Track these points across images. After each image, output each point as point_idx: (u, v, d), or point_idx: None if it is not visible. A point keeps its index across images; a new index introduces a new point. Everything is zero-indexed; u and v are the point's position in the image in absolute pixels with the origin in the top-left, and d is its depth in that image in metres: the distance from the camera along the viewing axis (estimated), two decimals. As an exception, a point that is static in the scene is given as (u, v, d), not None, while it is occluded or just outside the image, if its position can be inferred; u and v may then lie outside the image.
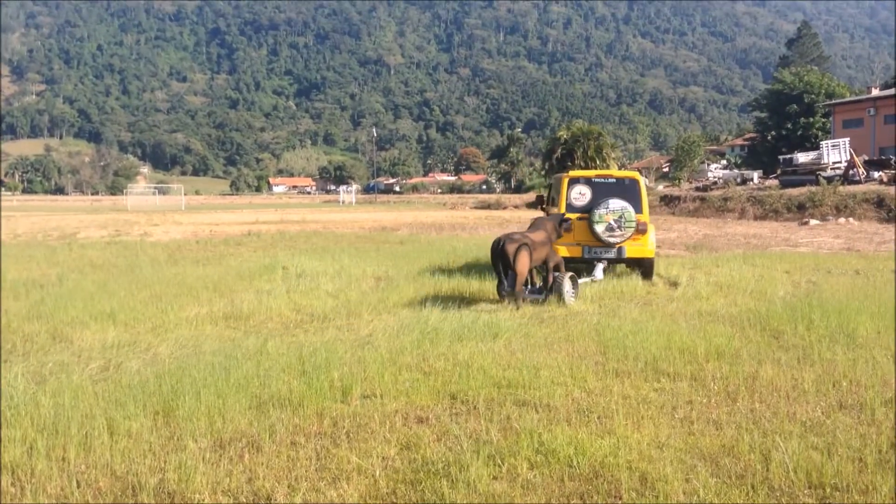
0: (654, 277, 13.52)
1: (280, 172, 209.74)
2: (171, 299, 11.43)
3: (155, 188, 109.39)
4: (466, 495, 4.30)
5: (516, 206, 62.62)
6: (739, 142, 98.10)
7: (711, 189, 47.80)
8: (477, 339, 8.29)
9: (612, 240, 13.27)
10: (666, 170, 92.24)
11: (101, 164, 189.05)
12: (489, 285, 12.81)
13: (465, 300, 11.51)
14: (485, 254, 18.33)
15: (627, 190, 13.61)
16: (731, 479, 4.48)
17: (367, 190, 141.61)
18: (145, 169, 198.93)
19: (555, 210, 14.25)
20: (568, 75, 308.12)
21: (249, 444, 5.15)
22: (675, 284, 12.85)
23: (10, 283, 13.65)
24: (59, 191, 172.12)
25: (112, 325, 9.47)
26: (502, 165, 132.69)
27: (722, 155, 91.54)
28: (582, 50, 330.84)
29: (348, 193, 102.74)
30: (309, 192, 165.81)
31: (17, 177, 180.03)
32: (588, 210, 13.37)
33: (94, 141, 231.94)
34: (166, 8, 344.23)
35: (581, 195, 13.68)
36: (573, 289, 11.65)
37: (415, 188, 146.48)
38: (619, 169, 70.72)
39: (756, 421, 5.51)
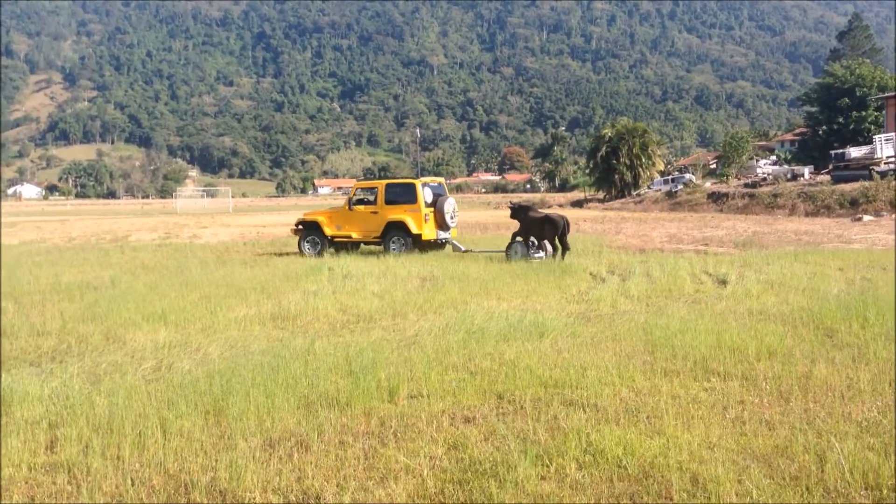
0: (703, 276, 13.47)
1: (325, 174, 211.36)
2: (219, 300, 11.58)
3: (203, 191, 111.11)
4: (514, 495, 4.28)
5: (560, 205, 62.27)
6: (789, 137, 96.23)
7: (760, 185, 46.93)
8: (523, 338, 8.26)
9: (451, 224, 20.35)
10: (713, 166, 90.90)
11: (151, 167, 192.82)
12: (535, 284, 12.78)
13: (510, 299, 11.49)
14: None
15: (411, 190, 19.83)
16: (786, 480, 4.39)
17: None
18: (194, 172, 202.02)
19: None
20: (612, 72, 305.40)
21: (298, 443, 5.19)
22: (723, 282, 12.66)
23: (66, 285, 13.97)
24: (111, 195, 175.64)
25: (163, 326, 9.63)
26: (546, 164, 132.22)
27: (771, 150, 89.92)
28: (626, 47, 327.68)
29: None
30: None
31: (70, 181, 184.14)
32: (434, 204, 19.78)
33: (145, 145, 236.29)
34: (213, 13, 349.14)
35: (430, 194, 19.98)
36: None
37: (459, 188, 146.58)
38: (665, 166, 69.94)
39: (810, 421, 5.39)
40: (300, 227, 21.08)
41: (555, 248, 17.53)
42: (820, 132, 72.92)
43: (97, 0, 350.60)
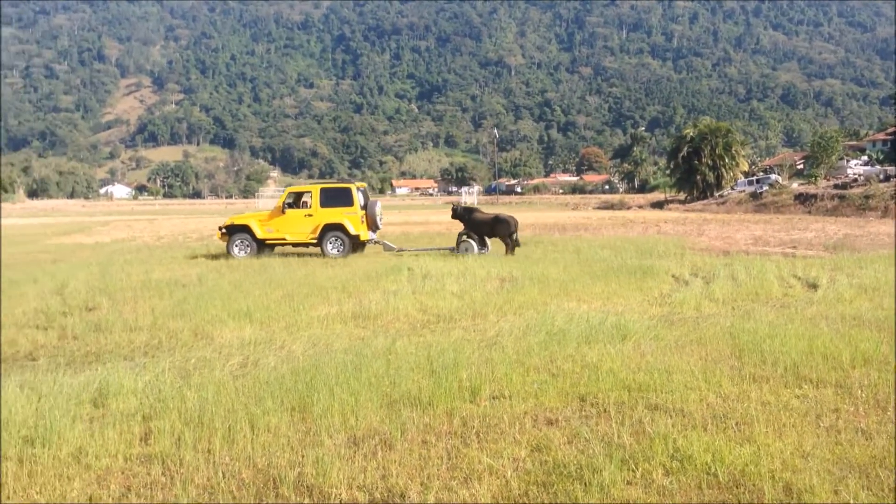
0: (792, 279, 13.09)
1: (402, 175, 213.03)
2: (302, 299, 11.79)
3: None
4: (600, 500, 4.23)
5: (640, 206, 61.38)
6: (881, 136, 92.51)
7: (851, 186, 45.31)
8: (605, 340, 8.15)
9: (380, 224, 21.90)
10: (800, 167, 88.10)
11: (235, 168, 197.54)
12: (616, 286, 12.62)
13: (590, 301, 11.36)
14: (609, 254, 18.08)
15: (347, 194, 20.87)
16: (885, 491, 4.23)
17: (489, 191, 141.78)
18: (275, 173, 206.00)
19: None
20: (694, 71, 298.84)
21: (382, 441, 5.24)
22: (814, 286, 12.26)
23: (155, 282, 14.44)
24: (197, 195, 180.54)
25: (249, 323, 9.85)
26: (625, 165, 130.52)
27: (862, 150, 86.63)
28: (709, 45, 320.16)
29: (470, 195, 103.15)
30: (431, 194, 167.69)
31: (158, 182, 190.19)
32: (365, 207, 21.01)
33: (228, 147, 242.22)
34: (294, 17, 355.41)
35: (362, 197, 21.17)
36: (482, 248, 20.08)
37: (536, 189, 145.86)
38: (750, 167, 68.14)
39: (910, 432, 5.17)
40: (225, 230, 21.11)
41: (507, 244, 19.79)
42: (915, 131, 69.94)
43: (185, 3, 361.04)
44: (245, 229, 20.84)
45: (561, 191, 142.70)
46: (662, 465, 4.64)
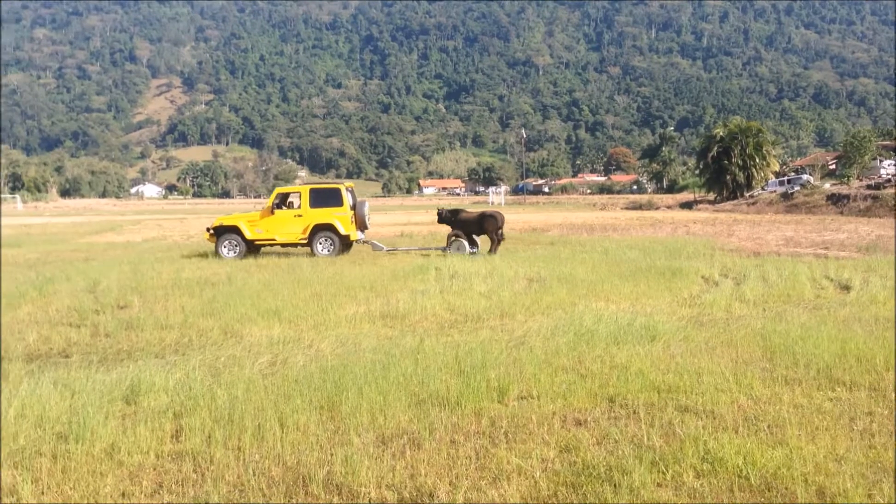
0: (824, 281, 12.93)
1: (430, 174, 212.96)
2: (330, 298, 11.84)
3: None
4: (630, 501, 4.20)
5: (669, 207, 60.93)
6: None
7: (884, 187, 44.62)
8: (634, 341, 8.11)
9: (368, 223, 22.09)
10: (833, 167, 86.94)
11: (263, 168, 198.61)
12: (645, 287, 12.54)
13: (619, 302, 11.30)
14: (637, 255, 17.97)
15: (336, 194, 21.05)
16: (921, 498, 4.15)
17: (516, 191, 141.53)
18: (303, 172, 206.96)
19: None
20: (724, 70, 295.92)
21: (410, 440, 5.25)
22: (846, 288, 12.10)
23: (185, 280, 14.58)
24: (226, 194, 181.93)
25: (277, 322, 9.91)
26: (654, 165, 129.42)
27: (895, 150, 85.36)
28: (739, 44, 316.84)
29: (497, 195, 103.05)
30: (458, 194, 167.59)
31: (188, 181, 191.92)
32: (353, 207, 21.23)
33: (257, 147, 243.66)
34: (323, 17, 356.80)
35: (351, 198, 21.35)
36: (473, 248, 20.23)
37: (564, 189, 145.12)
38: (781, 167, 67.33)
39: (947, 436, 5.08)
40: (213, 231, 21.17)
41: (493, 240, 20.28)
42: (950, 131, 68.81)
43: (215, 3, 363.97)
44: (234, 230, 20.92)
45: (589, 191, 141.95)
46: (693, 468, 4.61)
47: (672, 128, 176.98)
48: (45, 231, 37.56)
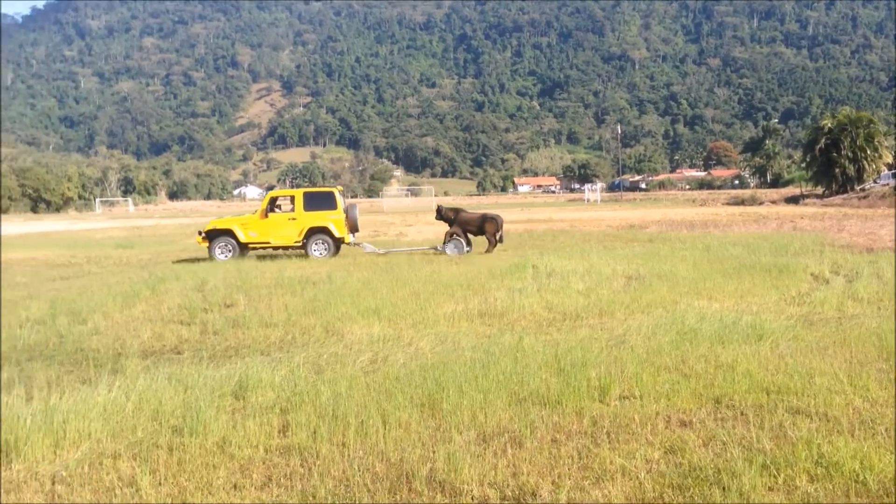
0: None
1: (524, 172, 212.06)
2: (428, 296, 11.93)
3: (407, 190, 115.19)
4: (740, 505, 4.09)
5: (773, 202, 58.90)
6: None
7: None
8: (739, 340, 7.89)
9: (357, 225, 22.24)
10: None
11: (359, 168, 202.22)
12: (750, 285, 12.18)
13: (723, 300, 11.00)
14: (741, 251, 17.46)
15: (330, 197, 21.53)
16: None
17: (612, 188, 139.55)
18: (398, 172, 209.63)
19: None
20: (831, 59, 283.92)
21: (511, 439, 5.25)
22: (970, 286, 11.45)
23: (288, 279, 14.96)
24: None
25: (377, 321, 10.05)
26: (757, 159, 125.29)
27: None
28: (847, 31, 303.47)
29: (593, 192, 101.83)
30: (553, 191, 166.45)
31: (287, 182, 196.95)
32: (346, 209, 21.53)
33: (353, 147, 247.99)
34: (417, 18, 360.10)
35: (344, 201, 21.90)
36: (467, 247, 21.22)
37: (661, 185, 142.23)
38: (894, 158, 64.20)
39: None
40: (205, 235, 21.28)
41: (491, 242, 21.30)
42: None
43: (312, 7, 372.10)
44: (228, 233, 21.21)
45: (687, 186, 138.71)
46: (806, 472, 4.45)
47: (776, 120, 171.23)
48: (155, 232, 39.23)
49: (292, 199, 21.95)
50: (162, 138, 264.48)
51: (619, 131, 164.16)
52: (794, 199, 61.15)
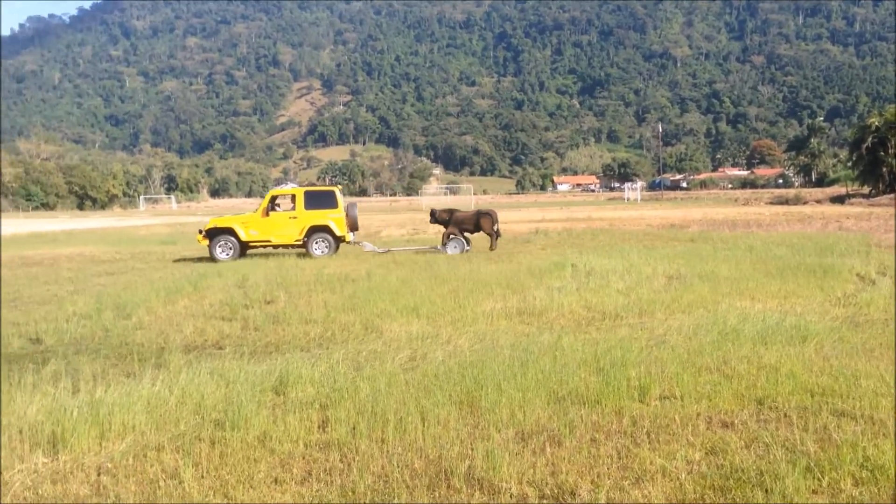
0: None
1: (564, 171, 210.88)
2: (466, 294, 11.93)
3: (446, 188, 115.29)
4: (783, 508, 4.03)
5: (818, 201, 57.90)
6: None
7: None
8: (783, 341, 7.77)
9: (357, 223, 22.39)
10: None
11: (399, 166, 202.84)
12: (794, 285, 11.99)
13: (765, 300, 10.84)
14: (785, 251, 17.20)
15: (331, 196, 21.88)
16: None
17: (653, 187, 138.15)
18: (437, 170, 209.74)
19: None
20: (879, 56, 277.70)
21: (550, 437, 5.23)
22: None
23: (327, 277, 15.07)
24: (363, 192, 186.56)
25: (416, 318, 10.09)
26: (801, 157, 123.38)
27: None
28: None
29: (633, 190, 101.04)
30: (593, 190, 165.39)
31: (327, 180, 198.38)
32: (346, 208, 21.70)
33: (392, 145, 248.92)
34: (457, 16, 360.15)
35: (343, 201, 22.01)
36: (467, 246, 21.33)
37: (703, 184, 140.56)
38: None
39: None
40: (206, 234, 21.25)
41: (491, 237, 21.65)
42: None
43: (353, 6, 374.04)
44: (229, 231, 21.24)
45: (730, 185, 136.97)
46: (851, 475, 4.37)
47: (822, 118, 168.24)
48: (196, 230, 39.65)
49: (293, 197, 22.05)
50: (204, 136, 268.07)
51: (660, 130, 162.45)
52: (839, 199, 60.06)
